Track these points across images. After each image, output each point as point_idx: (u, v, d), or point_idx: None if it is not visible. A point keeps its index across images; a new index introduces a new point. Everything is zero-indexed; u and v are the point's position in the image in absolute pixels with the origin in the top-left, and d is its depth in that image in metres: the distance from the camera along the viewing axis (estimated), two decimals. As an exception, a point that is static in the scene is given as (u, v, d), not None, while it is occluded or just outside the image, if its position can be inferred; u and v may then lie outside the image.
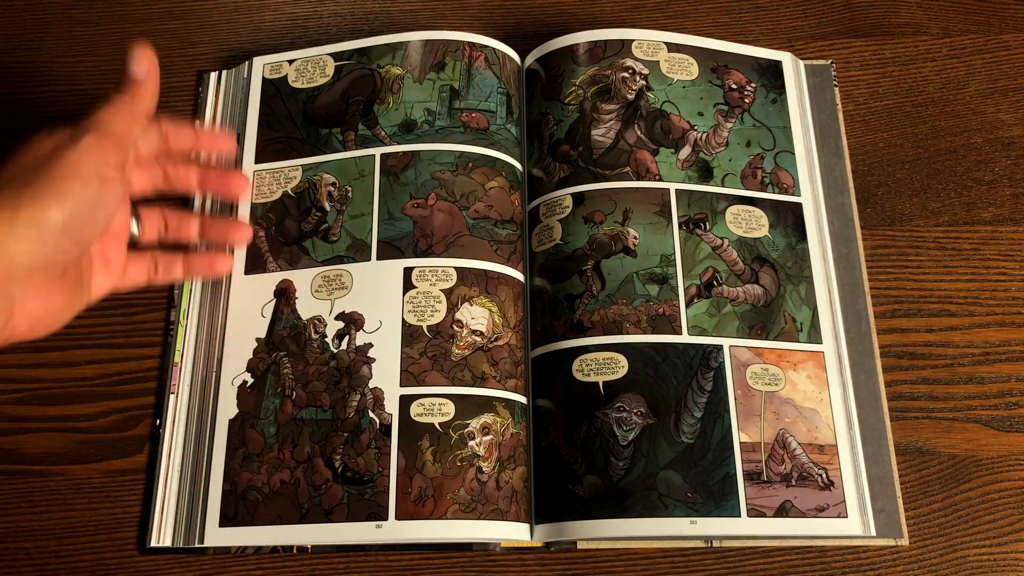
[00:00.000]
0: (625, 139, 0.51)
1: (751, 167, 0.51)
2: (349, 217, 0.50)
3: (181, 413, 0.47)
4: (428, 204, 0.49)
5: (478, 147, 0.51)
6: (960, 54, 0.58)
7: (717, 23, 0.59)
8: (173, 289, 0.51)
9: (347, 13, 0.59)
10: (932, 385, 0.49)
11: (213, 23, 0.59)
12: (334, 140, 0.52)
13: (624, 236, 0.48)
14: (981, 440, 0.47)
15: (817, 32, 0.59)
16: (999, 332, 0.50)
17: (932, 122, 0.56)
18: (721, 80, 0.53)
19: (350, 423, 0.45)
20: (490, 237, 0.49)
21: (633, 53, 0.53)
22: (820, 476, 0.44)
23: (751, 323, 0.47)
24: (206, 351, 0.48)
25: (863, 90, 0.57)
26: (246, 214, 0.51)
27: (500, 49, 0.54)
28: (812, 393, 0.46)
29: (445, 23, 0.59)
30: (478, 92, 0.52)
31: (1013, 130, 0.55)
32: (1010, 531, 0.45)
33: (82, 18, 0.59)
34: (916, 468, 0.47)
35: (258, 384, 0.47)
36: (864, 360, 0.48)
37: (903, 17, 0.59)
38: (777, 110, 0.53)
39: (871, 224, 0.52)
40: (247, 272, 0.50)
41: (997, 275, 0.51)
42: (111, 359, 0.49)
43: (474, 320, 0.47)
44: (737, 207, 0.50)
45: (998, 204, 0.53)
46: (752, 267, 0.49)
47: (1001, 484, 0.46)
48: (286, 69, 0.55)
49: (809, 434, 0.45)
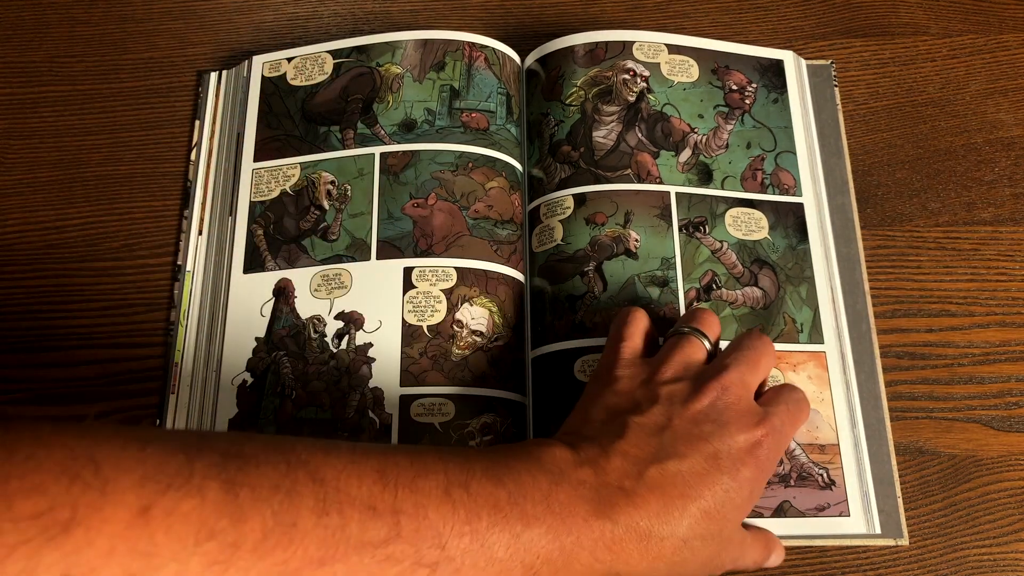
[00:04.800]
0: (626, 141, 0.51)
1: (751, 169, 0.51)
2: (348, 216, 0.50)
3: (181, 413, 0.47)
4: (428, 204, 0.49)
5: (478, 147, 0.51)
6: (960, 54, 0.58)
7: (717, 23, 0.59)
8: (173, 289, 0.51)
9: (347, 13, 0.59)
10: (932, 385, 0.49)
11: (213, 23, 0.59)
12: (333, 138, 0.52)
13: (626, 238, 0.48)
14: (981, 440, 0.47)
15: (817, 32, 0.59)
16: (999, 332, 0.50)
17: (932, 122, 0.56)
18: (722, 81, 0.53)
19: (350, 423, 0.45)
20: (490, 237, 0.49)
21: (634, 55, 0.53)
22: (820, 476, 0.44)
23: (750, 326, 0.47)
24: (206, 351, 0.48)
25: (863, 90, 0.57)
26: (245, 212, 0.51)
27: (500, 49, 0.54)
28: (813, 393, 0.46)
29: (445, 23, 0.59)
30: (478, 92, 0.52)
31: (1013, 130, 0.55)
32: (1010, 531, 0.45)
33: (82, 18, 0.59)
34: (916, 468, 0.47)
35: (258, 384, 0.47)
36: (864, 360, 0.48)
37: (903, 17, 0.59)
38: (778, 110, 0.53)
39: (871, 224, 0.52)
40: (245, 271, 0.50)
41: (997, 275, 0.51)
42: (111, 359, 0.49)
43: (474, 320, 0.47)
44: (736, 210, 0.50)
45: (998, 204, 0.53)
46: (751, 270, 0.49)
47: (1001, 484, 0.46)
48: (285, 67, 0.54)
49: (809, 434, 0.45)
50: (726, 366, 0.39)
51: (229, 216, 0.51)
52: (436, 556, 0.31)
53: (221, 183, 0.53)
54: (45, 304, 0.50)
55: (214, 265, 0.50)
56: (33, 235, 0.52)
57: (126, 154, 0.55)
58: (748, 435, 0.37)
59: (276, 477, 0.30)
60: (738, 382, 0.39)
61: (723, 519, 0.35)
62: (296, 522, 0.29)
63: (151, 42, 0.58)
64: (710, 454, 0.36)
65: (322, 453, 0.32)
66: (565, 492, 0.34)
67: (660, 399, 0.38)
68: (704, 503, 0.35)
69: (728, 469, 0.36)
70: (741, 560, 0.39)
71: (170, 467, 0.28)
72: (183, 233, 0.52)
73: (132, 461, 0.28)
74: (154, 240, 0.52)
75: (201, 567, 0.27)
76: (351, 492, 0.31)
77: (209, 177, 0.53)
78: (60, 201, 0.53)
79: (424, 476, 0.32)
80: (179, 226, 0.52)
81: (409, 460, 0.33)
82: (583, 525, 0.33)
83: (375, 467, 0.32)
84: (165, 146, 0.55)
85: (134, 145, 0.55)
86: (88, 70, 0.57)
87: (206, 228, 0.52)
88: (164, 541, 0.27)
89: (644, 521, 0.34)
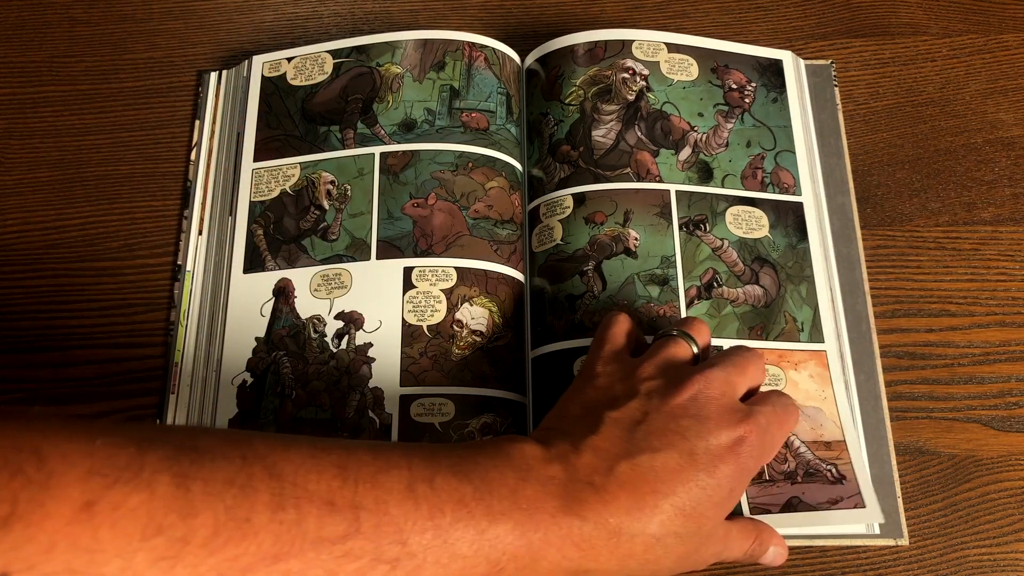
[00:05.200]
0: (626, 140, 0.51)
1: (751, 167, 0.51)
2: (348, 216, 0.50)
3: (181, 413, 0.47)
4: (428, 204, 0.49)
5: (478, 147, 0.51)
6: (960, 54, 0.58)
7: (717, 23, 0.59)
8: (173, 289, 0.51)
9: (347, 13, 0.59)
10: (932, 385, 0.49)
11: (213, 23, 0.59)
12: (332, 138, 0.52)
13: (625, 237, 0.48)
14: (981, 440, 0.47)
15: (817, 32, 0.59)
16: (999, 332, 0.50)
17: (932, 122, 0.56)
18: (721, 80, 0.53)
19: (350, 423, 0.45)
20: (490, 237, 0.49)
21: (633, 53, 0.53)
22: (830, 471, 0.44)
23: (751, 324, 0.47)
24: (206, 351, 0.48)
25: (863, 90, 0.57)
26: (245, 212, 0.51)
27: (500, 49, 0.54)
28: (815, 392, 0.46)
29: (445, 23, 0.59)
30: (478, 92, 0.52)
31: (1013, 130, 0.55)
32: (1010, 531, 0.45)
33: (82, 18, 0.59)
34: (916, 468, 0.47)
35: (258, 384, 0.47)
36: (864, 360, 0.48)
37: (903, 17, 0.59)
38: (778, 109, 0.53)
39: (871, 224, 0.52)
40: (245, 271, 0.50)
41: (997, 275, 0.51)
42: (111, 359, 0.49)
43: (474, 320, 0.47)
44: (737, 208, 0.50)
45: (998, 204, 0.53)
46: (752, 268, 0.49)
47: (1001, 484, 0.46)
48: (285, 67, 0.54)
49: (813, 432, 0.45)
50: (711, 363, 0.38)
51: (229, 216, 0.51)
52: (397, 552, 0.30)
53: (221, 183, 0.53)
54: (45, 304, 0.50)
55: (214, 265, 0.50)
56: (33, 235, 0.52)
57: (126, 154, 0.55)
58: (730, 431, 0.36)
59: (231, 471, 0.29)
60: (722, 378, 0.38)
61: (700, 516, 0.34)
62: (250, 517, 0.29)
63: (151, 42, 0.58)
64: (686, 450, 0.35)
65: (281, 448, 0.31)
66: (533, 488, 0.33)
67: (638, 394, 0.37)
68: (677, 500, 0.34)
69: (705, 466, 0.35)
70: (725, 553, 0.38)
71: (119, 460, 0.28)
72: (183, 233, 0.52)
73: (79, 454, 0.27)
74: (154, 240, 0.52)
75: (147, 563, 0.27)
76: (309, 487, 0.30)
77: (209, 177, 0.53)
78: (60, 201, 0.53)
79: (386, 471, 0.32)
80: (179, 226, 0.52)
81: (372, 456, 0.33)
82: (550, 521, 0.33)
83: (335, 462, 0.32)
84: (165, 146, 0.55)
85: (134, 145, 0.55)
86: (88, 70, 0.57)
87: (206, 228, 0.52)
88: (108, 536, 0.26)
89: (614, 518, 0.33)
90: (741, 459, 0.36)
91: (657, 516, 0.34)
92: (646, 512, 0.33)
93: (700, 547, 0.36)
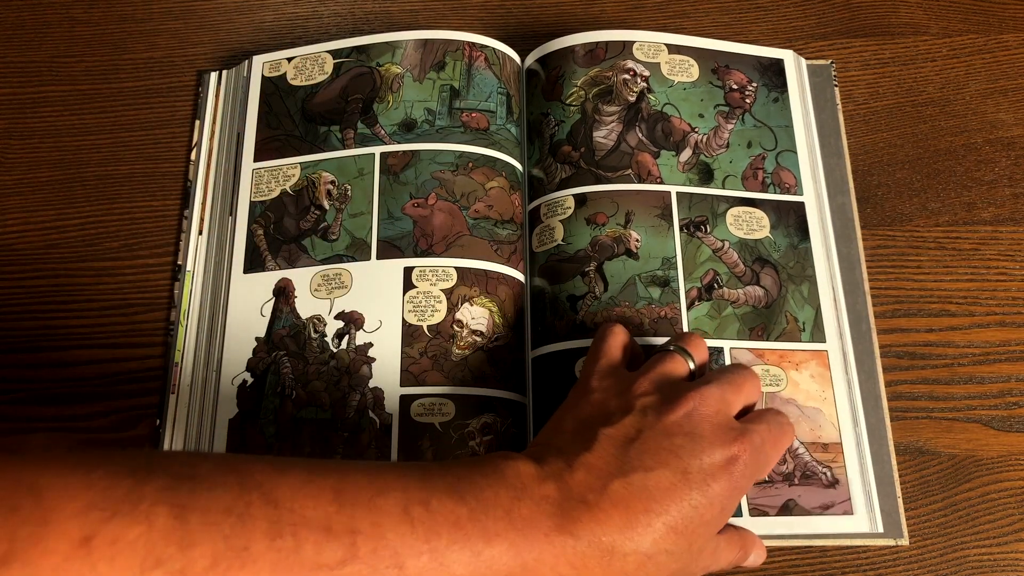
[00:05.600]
0: (627, 141, 0.51)
1: (752, 168, 0.51)
2: (348, 216, 0.50)
3: (181, 413, 0.47)
4: (428, 204, 0.49)
5: (478, 147, 0.51)
6: (960, 54, 0.58)
7: (717, 23, 0.59)
8: (173, 289, 0.51)
9: (347, 13, 0.59)
10: (932, 385, 0.49)
11: (213, 23, 0.59)
12: (333, 138, 0.52)
13: (626, 238, 0.48)
14: (981, 440, 0.47)
15: (817, 32, 0.59)
16: (999, 332, 0.50)
17: (932, 122, 0.56)
18: (722, 81, 0.53)
19: (350, 423, 0.45)
20: (490, 237, 0.49)
21: (634, 54, 0.53)
22: (824, 474, 0.44)
23: (752, 325, 0.47)
24: (206, 351, 0.48)
25: (863, 90, 0.57)
26: (245, 212, 0.51)
27: (500, 49, 0.54)
28: (815, 392, 0.46)
29: (445, 23, 0.59)
30: (478, 92, 0.52)
31: (1013, 130, 0.55)
32: (1010, 531, 0.45)
33: (82, 18, 0.59)
34: (916, 468, 0.47)
35: (258, 384, 0.47)
36: (864, 360, 0.48)
37: (903, 17, 0.59)
38: (779, 109, 0.53)
39: (871, 224, 0.52)
40: (246, 271, 0.50)
41: (997, 275, 0.51)
42: (111, 359, 0.49)
43: (474, 320, 0.47)
44: (738, 209, 0.50)
45: (998, 204, 0.53)
46: (753, 269, 0.49)
47: (1001, 484, 0.46)
48: (285, 67, 0.54)
49: (812, 433, 0.45)
50: (707, 380, 0.38)
51: (229, 216, 0.51)
52: None
53: (221, 183, 0.53)
54: (45, 304, 0.50)
55: (214, 265, 0.50)
56: (33, 235, 0.52)
57: (126, 154, 0.55)
58: (724, 450, 0.36)
59: (228, 500, 0.29)
60: (717, 396, 0.38)
61: (691, 534, 0.35)
62: (248, 546, 0.29)
63: (151, 42, 0.58)
64: (679, 468, 0.35)
65: (277, 474, 0.31)
66: (527, 507, 0.33)
67: (633, 410, 0.37)
68: (669, 518, 0.34)
69: (698, 484, 0.35)
70: (713, 566, 0.38)
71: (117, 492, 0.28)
72: (183, 233, 0.52)
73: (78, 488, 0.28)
74: (154, 240, 0.52)
75: None
76: (306, 513, 0.30)
77: (209, 177, 0.53)
78: (60, 201, 0.53)
79: (383, 495, 0.32)
80: (179, 226, 0.52)
81: (368, 479, 0.33)
82: (544, 541, 0.33)
83: (331, 486, 0.32)
84: (165, 146, 0.55)
85: (134, 145, 0.55)
86: (88, 70, 0.57)
87: (206, 228, 0.52)
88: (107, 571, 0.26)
89: (607, 536, 0.33)
90: (734, 478, 0.36)
91: (650, 534, 0.34)
92: (639, 530, 0.34)
93: (691, 563, 0.36)
